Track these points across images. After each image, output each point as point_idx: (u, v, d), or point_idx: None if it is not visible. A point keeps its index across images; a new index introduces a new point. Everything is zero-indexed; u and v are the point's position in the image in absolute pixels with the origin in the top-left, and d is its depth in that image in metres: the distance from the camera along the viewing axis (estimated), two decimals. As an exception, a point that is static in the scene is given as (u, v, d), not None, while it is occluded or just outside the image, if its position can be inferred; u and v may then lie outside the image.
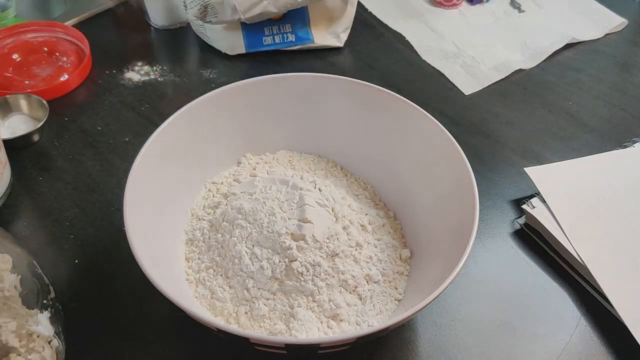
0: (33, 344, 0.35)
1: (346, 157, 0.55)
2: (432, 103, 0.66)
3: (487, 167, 0.59)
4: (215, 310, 0.43)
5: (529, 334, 0.46)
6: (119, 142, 0.60)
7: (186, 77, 0.68)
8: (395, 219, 0.51)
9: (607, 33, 0.78)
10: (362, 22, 0.78)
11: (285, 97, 0.53)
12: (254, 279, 0.42)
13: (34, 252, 0.49)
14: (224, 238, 0.45)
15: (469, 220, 0.41)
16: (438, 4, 0.82)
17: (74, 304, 0.46)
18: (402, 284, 0.46)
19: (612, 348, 0.45)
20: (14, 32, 0.69)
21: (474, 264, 0.50)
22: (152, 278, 0.36)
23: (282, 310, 0.42)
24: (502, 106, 0.67)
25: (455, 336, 0.45)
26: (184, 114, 0.48)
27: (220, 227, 0.46)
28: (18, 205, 0.53)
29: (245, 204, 0.45)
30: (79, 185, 0.55)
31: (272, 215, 0.44)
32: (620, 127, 0.65)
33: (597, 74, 0.72)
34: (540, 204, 0.53)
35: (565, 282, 0.49)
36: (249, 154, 0.54)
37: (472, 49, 0.74)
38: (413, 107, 0.49)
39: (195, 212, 0.50)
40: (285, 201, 0.45)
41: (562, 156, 0.59)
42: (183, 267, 0.46)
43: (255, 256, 0.43)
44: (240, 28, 0.70)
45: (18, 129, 0.58)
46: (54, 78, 0.65)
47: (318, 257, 0.43)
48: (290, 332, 0.41)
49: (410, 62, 0.72)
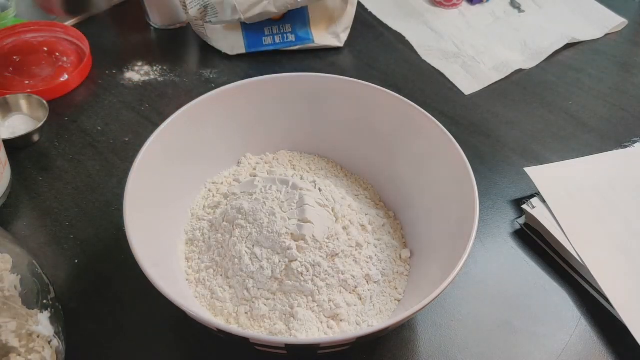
0: (33, 344, 0.35)
1: (346, 157, 0.55)
2: (432, 103, 0.66)
3: (487, 167, 0.59)
4: (215, 310, 0.43)
5: (529, 334, 0.46)
6: (119, 142, 0.60)
7: (186, 77, 0.68)
8: (395, 219, 0.51)
9: (607, 33, 0.78)
10: (362, 22, 0.78)
11: (285, 97, 0.53)
12: (254, 279, 0.42)
13: (34, 252, 0.49)
14: (224, 238, 0.45)
15: (469, 221, 0.41)
16: (438, 4, 0.82)
17: (74, 304, 0.46)
18: (402, 284, 0.46)
19: (612, 348, 0.45)
20: (14, 32, 0.69)
21: (474, 264, 0.50)
22: (152, 278, 0.36)
23: (282, 310, 0.42)
24: (502, 106, 0.67)
25: (455, 336, 0.45)
26: (184, 114, 0.48)
27: (220, 227, 0.46)
28: (18, 205, 0.53)
29: (245, 204, 0.45)
30: (79, 185, 0.55)
31: (272, 215, 0.44)
32: (620, 127, 0.65)
33: (597, 74, 0.72)
34: (540, 204, 0.53)
35: (565, 282, 0.49)
36: (249, 154, 0.54)
37: (472, 49, 0.74)
38: (413, 107, 0.49)
39: (195, 212, 0.50)
40: (285, 201, 0.45)
41: (562, 156, 0.59)
42: (183, 267, 0.46)
43: (255, 256, 0.43)
44: (240, 28, 0.70)
45: (18, 129, 0.58)
46: (54, 78, 0.65)
47: (318, 257, 0.43)
48: (290, 332, 0.41)
49: (410, 62, 0.72)
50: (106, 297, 0.47)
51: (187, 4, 0.67)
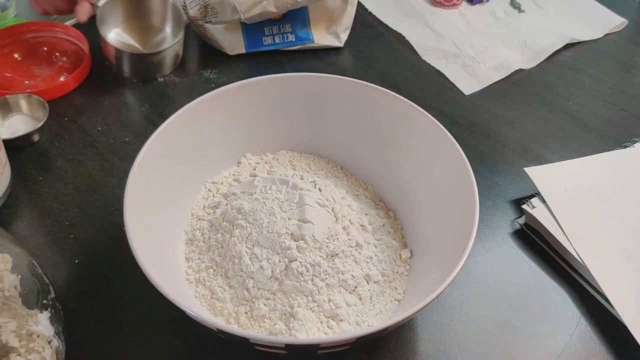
0: (33, 344, 0.35)
1: (346, 157, 0.55)
2: (432, 103, 0.66)
3: (487, 167, 0.59)
4: (215, 310, 0.43)
5: (529, 334, 0.46)
6: (119, 142, 0.60)
7: (186, 77, 0.68)
8: (395, 219, 0.51)
9: (607, 33, 0.78)
10: (362, 22, 0.78)
11: (285, 97, 0.53)
12: (254, 279, 0.42)
13: (34, 252, 0.49)
14: (224, 238, 0.45)
15: (469, 220, 0.41)
16: (438, 4, 0.82)
17: (74, 304, 0.46)
18: (402, 284, 0.45)
19: (612, 348, 0.45)
20: (14, 32, 0.69)
21: (474, 264, 0.50)
22: (152, 278, 0.36)
23: (282, 310, 0.42)
24: (502, 106, 0.67)
25: (455, 336, 0.45)
26: (183, 114, 0.48)
27: (220, 227, 0.46)
28: (18, 205, 0.53)
29: (245, 204, 0.45)
30: (79, 185, 0.55)
31: (272, 215, 0.44)
32: (620, 127, 0.65)
33: (597, 74, 0.72)
34: (540, 204, 0.53)
35: (565, 282, 0.49)
36: (249, 154, 0.54)
37: (472, 49, 0.74)
38: (413, 107, 0.49)
39: (195, 212, 0.50)
40: (285, 201, 0.45)
41: (562, 156, 0.59)
42: (183, 267, 0.46)
43: (255, 256, 0.43)
44: (240, 28, 0.70)
45: (18, 129, 0.58)
46: (54, 78, 0.65)
47: (318, 257, 0.43)
48: (290, 332, 0.41)
49: (410, 62, 0.72)
50: (106, 297, 0.46)
51: (187, 4, 0.67)
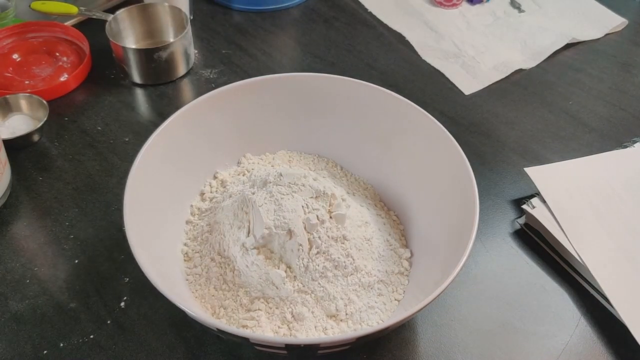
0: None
1: (346, 157, 0.55)
2: (432, 103, 0.66)
3: (487, 167, 0.59)
4: (215, 310, 0.43)
5: (529, 334, 0.46)
6: (119, 142, 0.60)
7: (186, 77, 0.68)
8: (395, 219, 0.51)
9: (607, 33, 0.78)
10: (362, 22, 0.78)
11: (285, 97, 0.53)
12: (254, 279, 0.42)
13: (34, 252, 0.49)
14: (223, 238, 0.45)
15: (469, 220, 0.41)
16: (438, 4, 0.82)
17: (74, 304, 0.46)
18: (402, 284, 0.45)
19: (612, 348, 0.45)
20: (14, 32, 0.69)
21: (474, 264, 0.50)
22: (152, 278, 0.36)
23: (282, 310, 0.42)
24: (502, 106, 0.67)
25: (455, 336, 0.45)
26: (184, 114, 0.48)
27: (220, 228, 0.46)
28: (18, 205, 0.53)
29: (245, 203, 0.45)
30: (79, 185, 0.55)
31: (272, 215, 0.44)
32: (620, 127, 0.65)
33: (597, 74, 0.72)
34: (540, 204, 0.53)
35: (565, 282, 0.49)
36: (249, 154, 0.54)
37: (472, 49, 0.74)
38: (413, 107, 0.49)
39: (195, 212, 0.50)
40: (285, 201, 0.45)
41: (562, 156, 0.59)
42: (183, 267, 0.46)
43: (255, 256, 0.43)
44: None
45: (18, 129, 0.58)
46: (54, 78, 0.65)
47: (317, 258, 0.43)
48: (290, 332, 0.41)
49: (410, 62, 0.72)
50: (106, 297, 0.46)
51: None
